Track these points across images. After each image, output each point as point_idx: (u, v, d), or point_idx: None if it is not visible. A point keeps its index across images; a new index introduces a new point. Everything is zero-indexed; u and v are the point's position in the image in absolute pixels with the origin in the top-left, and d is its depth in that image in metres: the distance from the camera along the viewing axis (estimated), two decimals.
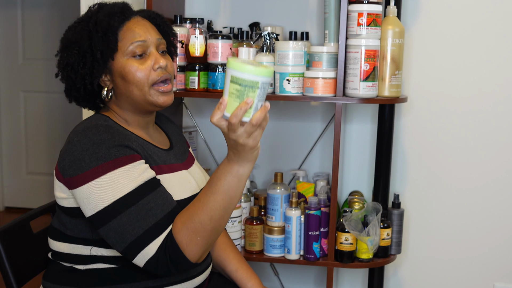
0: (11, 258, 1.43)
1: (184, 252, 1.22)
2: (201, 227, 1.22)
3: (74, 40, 1.37)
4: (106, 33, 1.34)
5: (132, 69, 1.35)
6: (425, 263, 2.36)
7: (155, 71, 1.36)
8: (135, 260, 1.24)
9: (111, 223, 1.23)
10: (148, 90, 1.36)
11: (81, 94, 1.41)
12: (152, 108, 1.40)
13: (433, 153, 2.30)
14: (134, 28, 1.37)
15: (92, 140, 1.26)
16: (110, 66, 1.36)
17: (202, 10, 2.35)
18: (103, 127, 1.30)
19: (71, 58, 1.36)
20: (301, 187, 2.17)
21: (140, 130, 1.42)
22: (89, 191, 1.24)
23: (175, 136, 1.57)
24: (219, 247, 1.60)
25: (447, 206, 2.32)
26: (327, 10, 2.00)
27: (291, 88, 1.94)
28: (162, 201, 1.26)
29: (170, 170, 1.39)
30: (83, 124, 1.34)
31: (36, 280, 1.54)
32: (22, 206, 4.06)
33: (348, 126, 2.34)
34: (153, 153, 1.37)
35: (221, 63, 1.97)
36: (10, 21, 3.95)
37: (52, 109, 3.98)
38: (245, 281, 1.55)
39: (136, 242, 1.22)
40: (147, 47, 1.37)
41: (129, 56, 1.35)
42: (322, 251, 2.03)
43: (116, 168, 1.24)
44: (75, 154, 1.26)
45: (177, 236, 1.22)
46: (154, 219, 1.23)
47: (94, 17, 1.37)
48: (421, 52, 2.25)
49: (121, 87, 1.37)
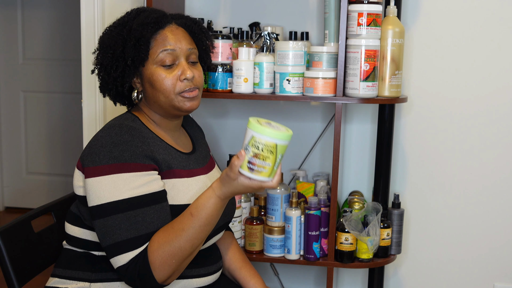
0: (12, 257, 1.43)
1: (154, 271, 1.26)
2: (179, 252, 1.27)
3: (108, 44, 1.41)
4: (138, 42, 1.37)
5: (159, 78, 1.39)
6: (425, 263, 2.36)
7: (181, 82, 1.40)
8: (110, 260, 1.30)
9: (98, 221, 1.29)
10: (174, 98, 1.40)
11: (113, 93, 1.47)
12: (178, 112, 1.44)
13: (433, 153, 2.30)
14: (166, 37, 1.40)
15: (112, 139, 1.31)
16: (141, 71, 1.41)
17: (202, 10, 2.35)
18: (127, 128, 1.33)
19: (105, 61, 1.41)
20: (301, 187, 2.18)
21: (167, 132, 1.46)
22: (92, 185, 1.29)
23: (199, 140, 1.60)
24: (225, 247, 1.62)
25: (447, 206, 2.32)
26: (327, 10, 2.01)
27: (291, 88, 1.94)
28: (151, 219, 1.29)
29: (190, 174, 1.42)
30: (112, 121, 1.40)
31: (38, 279, 1.55)
32: (22, 206, 4.06)
33: (348, 126, 2.34)
34: (174, 157, 1.41)
35: (221, 63, 1.97)
36: (10, 21, 3.95)
37: (52, 109, 3.98)
38: (247, 280, 1.57)
39: (113, 246, 1.27)
40: (177, 56, 1.40)
41: (158, 65, 1.39)
42: (322, 251, 2.04)
43: (122, 172, 1.28)
44: (94, 148, 1.32)
45: (151, 255, 1.26)
46: (135, 233, 1.27)
47: (130, 24, 1.40)
48: (421, 52, 2.26)
49: (149, 92, 1.42)
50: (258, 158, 1.17)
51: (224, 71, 1.98)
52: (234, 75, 1.98)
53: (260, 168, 1.18)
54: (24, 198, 4.07)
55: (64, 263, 1.43)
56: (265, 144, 1.16)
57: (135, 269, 1.26)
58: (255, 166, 1.18)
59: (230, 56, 1.99)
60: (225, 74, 1.98)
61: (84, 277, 1.38)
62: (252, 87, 1.98)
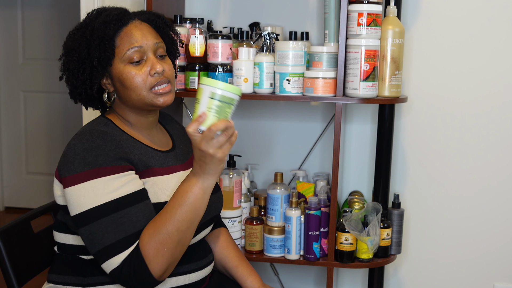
0: (12, 258, 1.44)
1: (150, 265, 1.26)
2: (168, 238, 1.26)
3: (72, 47, 1.39)
4: (103, 41, 1.36)
5: (129, 75, 1.37)
6: (425, 263, 2.36)
7: (152, 77, 1.39)
8: (102, 266, 1.29)
9: (83, 229, 1.28)
10: (147, 94, 1.39)
11: (83, 97, 1.45)
12: (152, 108, 1.43)
13: (433, 153, 2.30)
14: (131, 34, 1.38)
15: (84, 145, 1.31)
16: (109, 70, 1.39)
17: (202, 10, 2.35)
18: (98, 133, 1.33)
19: (71, 64, 1.39)
20: (301, 187, 2.18)
21: (143, 131, 1.45)
22: (72, 194, 1.29)
23: (179, 136, 1.59)
24: (220, 244, 1.62)
25: (447, 206, 2.32)
26: (327, 10, 2.00)
27: (291, 88, 1.94)
28: (136, 218, 1.29)
29: (168, 171, 1.41)
30: (84, 127, 1.39)
31: (37, 279, 1.55)
32: (22, 206, 4.06)
33: (348, 126, 2.34)
34: (151, 156, 1.40)
35: (221, 63, 1.97)
36: (10, 21, 3.95)
37: (52, 109, 3.98)
38: (245, 278, 1.57)
39: (102, 251, 1.27)
40: (144, 52, 1.39)
41: (126, 62, 1.38)
42: (322, 251, 2.04)
43: (99, 177, 1.28)
44: (68, 157, 1.32)
45: (144, 248, 1.26)
46: (123, 234, 1.27)
47: (92, 24, 1.38)
48: (421, 52, 2.26)
49: (121, 92, 1.40)
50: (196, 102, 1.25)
51: (224, 71, 1.98)
52: (234, 75, 1.98)
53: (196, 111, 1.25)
54: (24, 198, 4.07)
55: (57, 268, 1.43)
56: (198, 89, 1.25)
57: (129, 267, 1.26)
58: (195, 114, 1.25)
59: (230, 56, 1.99)
60: (225, 74, 1.98)
61: (76, 282, 1.38)
62: (252, 87, 1.98)
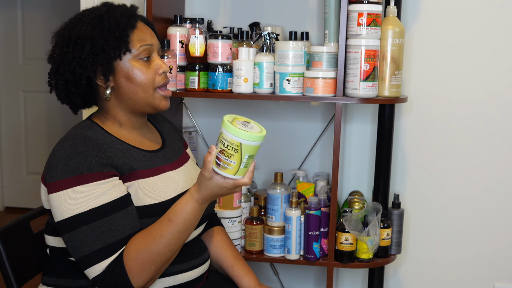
0: (11, 258, 1.43)
1: (132, 279, 1.26)
2: (158, 258, 1.28)
3: (86, 36, 1.35)
4: (122, 33, 1.36)
5: (140, 71, 1.38)
6: (425, 263, 2.36)
7: (159, 76, 1.41)
8: (85, 272, 1.29)
9: (65, 236, 1.29)
10: (153, 93, 1.40)
11: (80, 90, 1.39)
12: (152, 110, 1.43)
13: (433, 152, 2.30)
14: (143, 32, 1.41)
15: (67, 152, 1.30)
16: (114, 65, 1.37)
17: (202, 10, 2.35)
18: (81, 138, 1.32)
19: (83, 53, 1.35)
20: (301, 187, 2.17)
21: (132, 131, 1.44)
22: (54, 200, 1.29)
23: (170, 136, 1.58)
24: (216, 243, 1.61)
25: (447, 206, 2.32)
26: (327, 10, 2.00)
27: (291, 88, 1.94)
28: (116, 227, 1.28)
29: (155, 173, 1.40)
30: (69, 131, 1.38)
31: (36, 279, 1.54)
32: (22, 206, 4.06)
33: (348, 126, 2.34)
34: (137, 158, 1.39)
35: (221, 63, 1.97)
36: (10, 21, 3.96)
37: (52, 109, 3.98)
38: (241, 277, 1.57)
39: (84, 258, 1.27)
40: (152, 51, 1.42)
41: (137, 58, 1.38)
42: (322, 251, 2.04)
43: (80, 185, 1.27)
44: (52, 163, 1.31)
45: (130, 263, 1.26)
46: (103, 243, 1.27)
47: (110, 16, 1.37)
48: (421, 52, 2.25)
49: (124, 87, 1.39)
50: (224, 154, 1.20)
51: (224, 71, 1.98)
52: (234, 75, 1.98)
53: (225, 164, 1.20)
54: (24, 198, 4.07)
55: (49, 271, 1.43)
56: (230, 141, 1.18)
57: (111, 277, 1.26)
58: (221, 162, 1.21)
59: (230, 56, 1.99)
60: (225, 74, 1.98)
61: (67, 284, 1.38)
62: (252, 87, 1.98)
